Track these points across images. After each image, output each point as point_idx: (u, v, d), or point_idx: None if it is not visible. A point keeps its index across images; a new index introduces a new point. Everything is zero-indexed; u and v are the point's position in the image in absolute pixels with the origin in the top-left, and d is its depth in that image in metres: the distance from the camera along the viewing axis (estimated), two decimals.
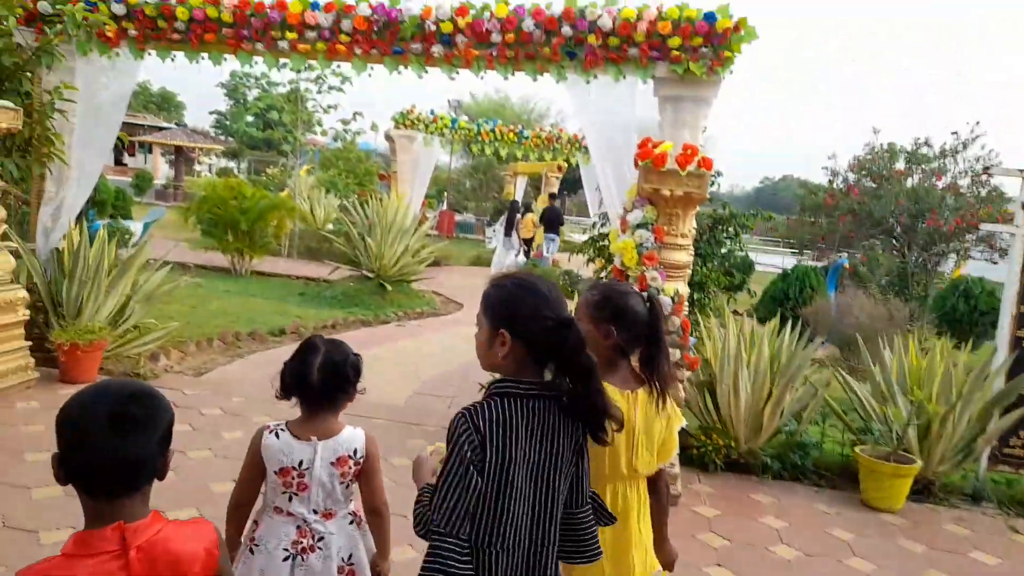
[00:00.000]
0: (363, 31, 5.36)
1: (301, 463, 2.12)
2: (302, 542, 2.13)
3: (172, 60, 5.81)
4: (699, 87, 5.06)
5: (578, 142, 13.09)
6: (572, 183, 28.91)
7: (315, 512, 2.15)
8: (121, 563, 1.27)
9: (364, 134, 15.68)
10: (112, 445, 1.27)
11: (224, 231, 12.94)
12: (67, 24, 5.30)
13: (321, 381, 2.12)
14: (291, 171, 27.06)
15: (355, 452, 2.17)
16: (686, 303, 4.11)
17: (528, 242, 17.35)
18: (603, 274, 6.45)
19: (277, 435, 2.14)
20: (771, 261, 29.75)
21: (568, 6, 5.07)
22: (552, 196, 18.08)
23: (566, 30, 5.09)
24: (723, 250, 6.53)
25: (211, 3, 5.46)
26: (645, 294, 2.21)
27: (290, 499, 2.14)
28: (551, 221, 16.75)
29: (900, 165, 12.62)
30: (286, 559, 2.11)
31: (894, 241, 12.82)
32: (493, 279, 1.82)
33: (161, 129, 36.15)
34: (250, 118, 34.97)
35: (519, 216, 17.29)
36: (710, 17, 4.85)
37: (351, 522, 2.23)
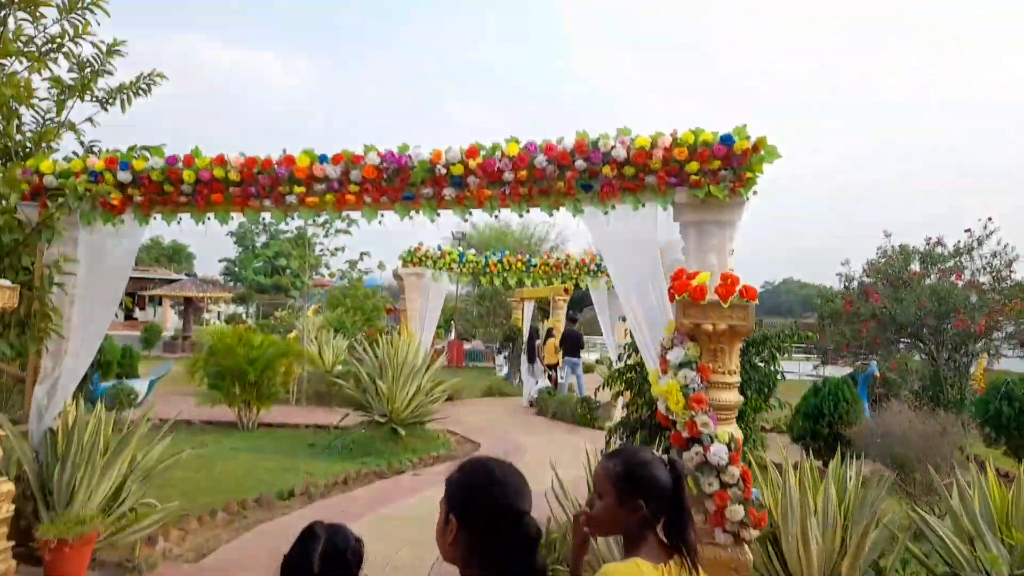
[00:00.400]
0: (372, 179, 5.25)
1: None
2: None
3: (178, 223, 5.68)
4: (722, 210, 4.86)
5: (585, 266, 13.00)
6: (576, 302, 28.81)
7: None
8: None
9: (371, 273, 15.63)
10: None
11: (231, 383, 12.60)
12: (68, 198, 5.19)
13: (322, 572, 2.03)
14: (299, 313, 27.18)
15: None
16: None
17: (553, 367, 17.13)
18: (632, 408, 6.04)
19: None
20: (791, 368, 29.20)
21: (580, 139, 4.97)
22: (571, 319, 17.96)
23: (579, 163, 4.96)
24: (758, 376, 6.13)
25: (218, 164, 5.40)
26: (666, 457, 2.06)
27: None
28: (572, 345, 16.51)
29: (915, 267, 12.43)
30: None
31: (921, 344, 12.40)
32: (460, 462, 1.81)
33: (171, 281, 36.68)
34: (258, 263, 35.61)
35: (540, 342, 17.18)
36: (727, 140, 4.72)
37: None
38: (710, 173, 4.81)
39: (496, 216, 5.27)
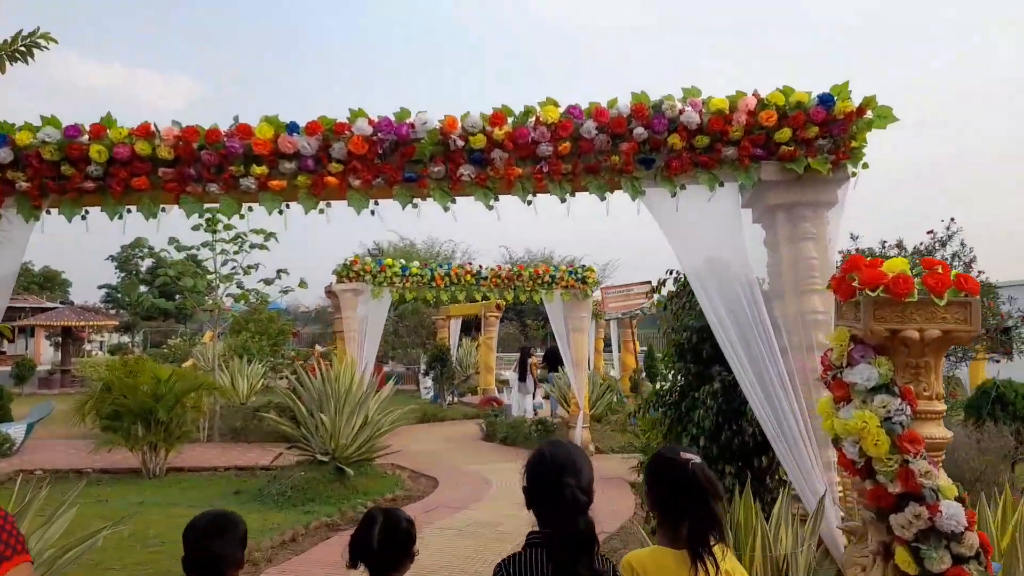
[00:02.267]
0: (362, 156, 3.93)
1: None
2: None
3: (83, 218, 4.14)
4: (820, 189, 3.89)
5: (539, 277, 11.94)
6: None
7: None
8: None
9: (291, 291, 13.97)
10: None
11: (132, 423, 10.62)
12: None
13: (382, 549, 2.37)
14: (194, 339, 24.67)
15: None
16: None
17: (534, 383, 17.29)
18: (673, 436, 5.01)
19: None
20: None
21: (638, 102, 3.88)
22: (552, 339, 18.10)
23: (639, 132, 3.87)
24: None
25: (141, 135, 3.93)
26: (690, 459, 2.07)
27: None
28: (555, 361, 16.49)
29: None
30: None
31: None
32: (543, 443, 2.18)
33: (45, 310, 32.83)
34: (143, 288, 32.44)
35: (531, 360, 17.10)
36: (827, 100, 3.76)
37: None
38: (805, 143, 3.83)
39: (529, 202, 4.06)
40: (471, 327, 28.99)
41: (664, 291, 5.22)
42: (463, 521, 8.04)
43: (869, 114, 3.79)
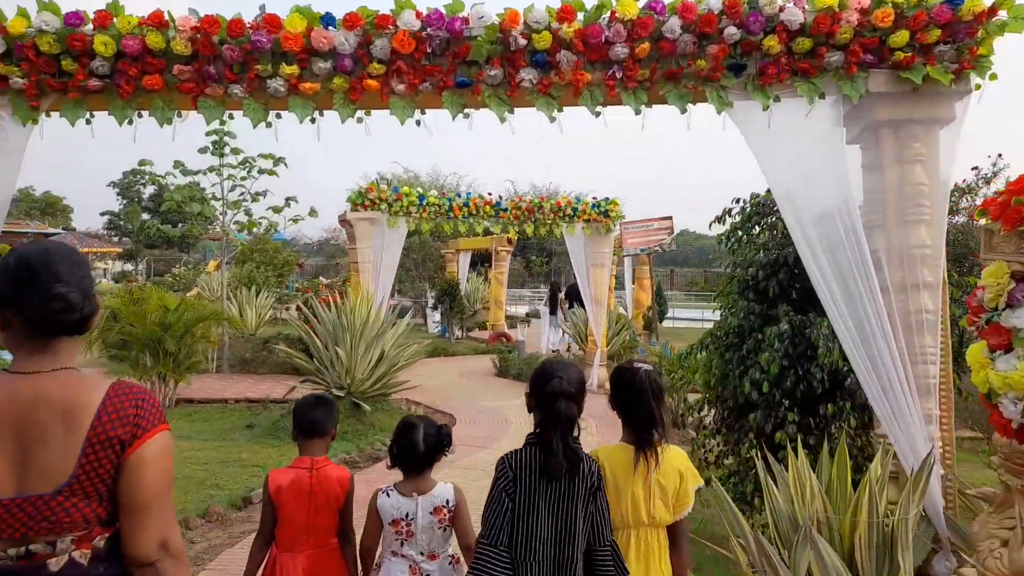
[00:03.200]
0: (408, 55, 3.40)
1: (407, 515, 2.65)
2: None
3: (88, 122, 3.64)
4: (937, 103, 3.38)
5: (560, 210, 11.41)
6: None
7: (422, 554, 2.65)
8: None
9: (301, 220, 13.42)
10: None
11: (140, 351, 10.30)
12: None
13: (426, 451, 2.67)
14: (198, 269, 24.25)
15: (447, 502, 2.68)
16: None
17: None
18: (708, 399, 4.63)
19: (388, 495, 2.69)
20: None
21: None
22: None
23: (730, 32, 3.33)
24: None
25: (153, 25, 3.39)
26: (642, 367, 2.47)
27: (402, 544, 2.66)
28: (577, 296, 16.07)
29: None
30: None
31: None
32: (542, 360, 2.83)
33: (48, 235, 32.36)
34: (146, 216, 31.80)
35: (562, 295, 17.22)
36: None
37: (450, 563, 2.69)
38: (923, 48, 3.29)
39: (597, 114, 3.55)
40: (478, 262, 28.59)
41: (728, 222, 4.74)
42: (486, 461, 7.77)
43: (1003, 15, 3.24)
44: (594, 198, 11.57)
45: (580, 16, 3.37)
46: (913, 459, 3.15)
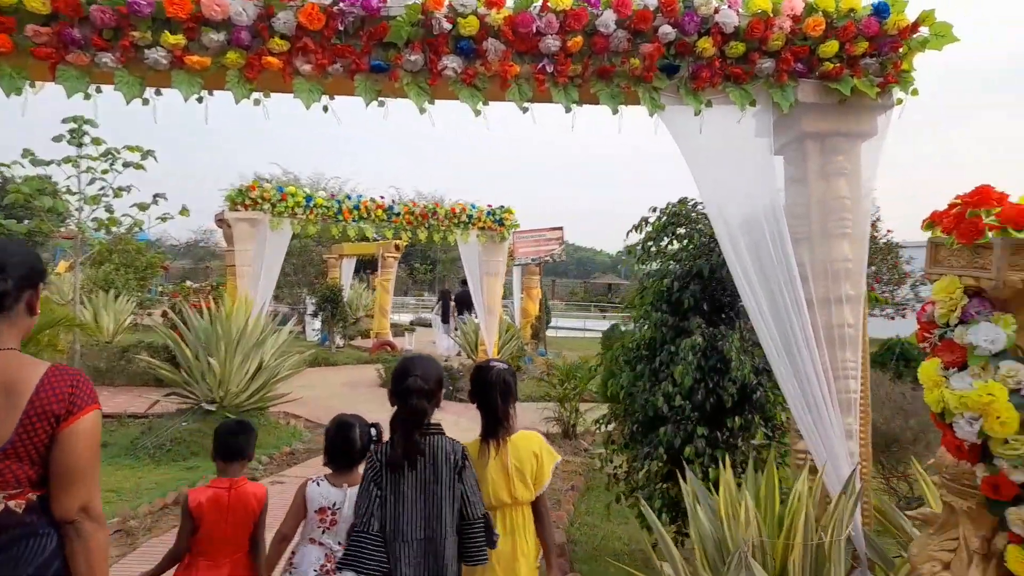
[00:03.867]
0: (316, 32, 3.01)
1: (335, 504, 2.85)
2: (327, 566, 2.82)
3: None
4: (860, 116, 3.39)
5: (455, 216, 11.13)
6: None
7: (339, 544, 2.81)
8: None
9: (171, 219, 12.25)
10: None
11: None
12: None
13: (361, 447, 2.89)
14: (51, 269, 21.91)
15: None
16: None
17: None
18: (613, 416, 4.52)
19: (318, 484, 2.92)
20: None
21: None
22: (464, 282, 17.92)
23: (665, 31, 3.19)
24: None
25: None
26: (495, 365, 2.79)
27: (323, 532, 2.86)
28: (468, 304, 16.49)
29: None
30: None
31: None
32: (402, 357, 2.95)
33: None
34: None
35: (453, 303, 17.42)
36: (882, 10, 3.23)
37: None
38: (851, 60, 3.30)
39: (524, 109, 3.29)
40: (361, 268, 27.74)
41: (642, 232, 4.63)
42: None
43: (924, 31, 3.29)
44: (489, 206, 11.37)
45: (510, 3, 3.12)
46: (835, 476, 3.11)
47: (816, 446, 3.20)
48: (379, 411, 9.59)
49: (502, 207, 11.44)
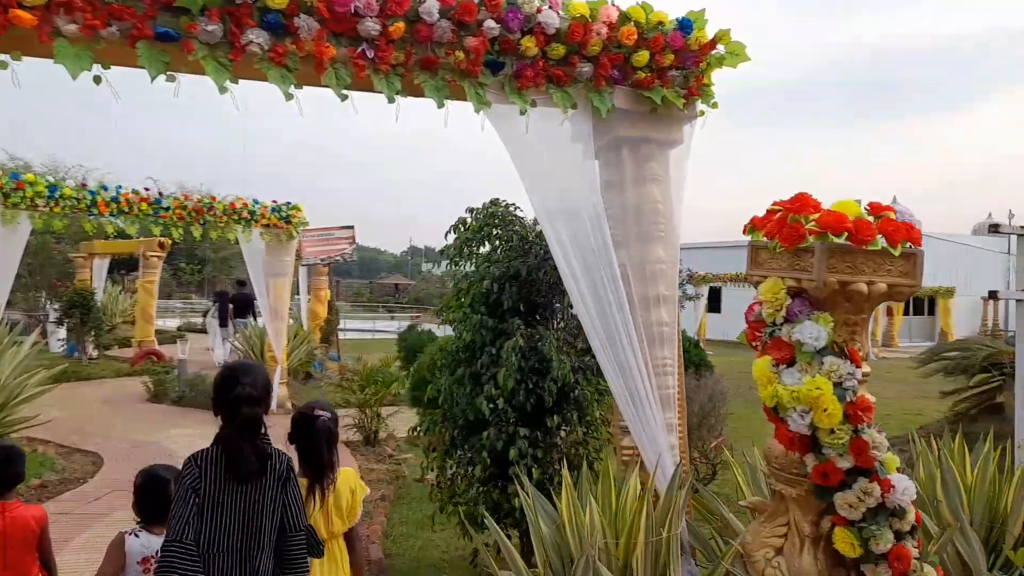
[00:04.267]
0: None
1: (157, 552, 2.62)
2: None
3: None
4: (669, 125, 3.56)
5: (236, 211, 10.20)
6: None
7: None
8: None
9: None
10: None
11: None
12: None
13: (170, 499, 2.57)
14: None
15: None
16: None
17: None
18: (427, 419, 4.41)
19: (137, 535, 2.79)
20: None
21: None
22: (240, 283, 17.59)
23: (489, 25, 3.09)
24: None
25: None
26: (321, 415, 2.80)
27: None
28: (245, 306, 15.85)
29: None
30: None
31: None
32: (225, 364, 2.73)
33: None
34: None
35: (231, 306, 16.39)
36: (685, 26, 3.41)
37: None
38: (659, 71, 3.44)
39: (343, 97, 2.99)
40: (115, 269, 24.68)
41: (454, 234, 4.50)
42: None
43: (720, 49, 3.52)
44: (274, 201, 10.58)
45: None
46: (660, 471, 3.22)
47: (642, 441, 3.30)
48: (152, 429, 8.41)
49: (288, 203, 10.70)
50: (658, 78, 3.43)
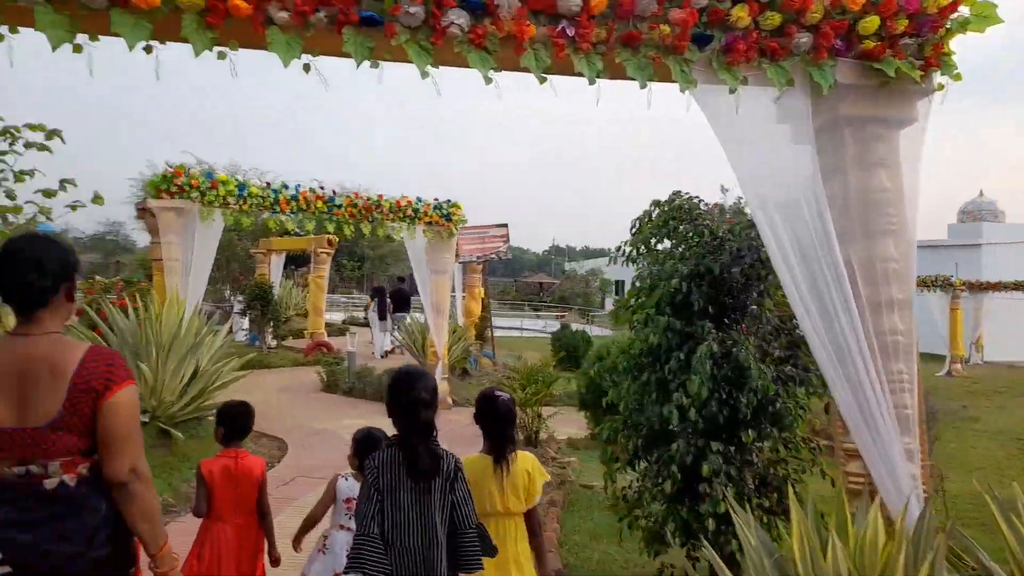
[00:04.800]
0: None
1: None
2: None
3: None
4: (900, 101, 3.08)
5: (401, 210, 10.51)
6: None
7: None
8: None
9: (82, 207, 11.17)
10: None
11: None
12: None
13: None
14: None
15: None
16: None
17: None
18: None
19: (346, 479, 3.47)
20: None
21: None
22: (400, 279, 19.29)
23: None
24: None
25: None
26: (500, 395, 3.01)
27: (350, 518, 3.31)
28: (403, 302, 16.79)
29: None
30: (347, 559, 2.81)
31: None
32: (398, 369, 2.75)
33: None
34: None
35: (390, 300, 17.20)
36: None
37: None
38: (890, 40, 2.97)
39: (543, 80, 2.82)
40: (288, 264, 26.58)
41: (643, 228, 4.22)
42: None
43: (964, 11, 3.00)
44: (436, 199, 10.80)
45: None
46: (897, 501, 2.77)
47: (878, 469, 2.85)
48: (327, 418, 8.75)
49: (449, 201, 10.88)
50: (889, 47, 2.98)
